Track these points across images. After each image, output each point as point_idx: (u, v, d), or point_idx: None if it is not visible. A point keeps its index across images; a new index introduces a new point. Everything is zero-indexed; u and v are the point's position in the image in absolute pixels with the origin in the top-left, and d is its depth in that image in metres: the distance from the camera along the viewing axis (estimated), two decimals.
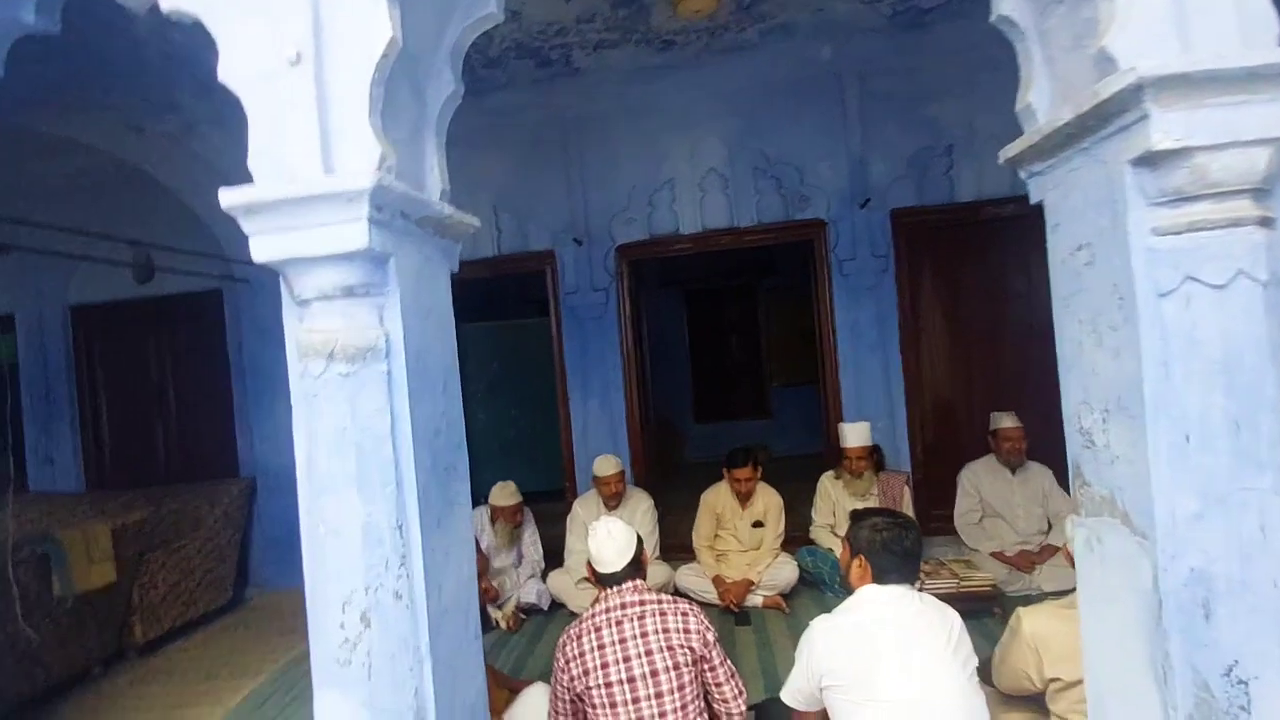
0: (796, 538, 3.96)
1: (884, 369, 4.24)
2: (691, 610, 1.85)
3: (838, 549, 3.73)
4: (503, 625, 3.65)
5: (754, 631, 3.33)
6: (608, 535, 1.96)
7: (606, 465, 3.84)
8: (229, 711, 2.98)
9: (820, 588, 3.71)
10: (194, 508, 4.10)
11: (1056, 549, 3.48)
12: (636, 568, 1.95)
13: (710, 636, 1.84)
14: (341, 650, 1.38)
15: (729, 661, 1.87)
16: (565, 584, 3.82)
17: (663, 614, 1.83)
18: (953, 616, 1.77)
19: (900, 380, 4.23)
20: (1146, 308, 1.18)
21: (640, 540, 2.00)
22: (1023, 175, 1.59)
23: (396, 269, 1.43)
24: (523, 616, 3.76)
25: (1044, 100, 1.51)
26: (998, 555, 3.47)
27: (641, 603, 1.86)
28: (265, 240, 1.36)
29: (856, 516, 1.97)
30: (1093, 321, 1.37)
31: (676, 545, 4.11)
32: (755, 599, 3.62)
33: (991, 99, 4.29)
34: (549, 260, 4.51)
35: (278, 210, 1.32)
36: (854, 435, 3.67)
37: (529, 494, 5.44)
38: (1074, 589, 3.64)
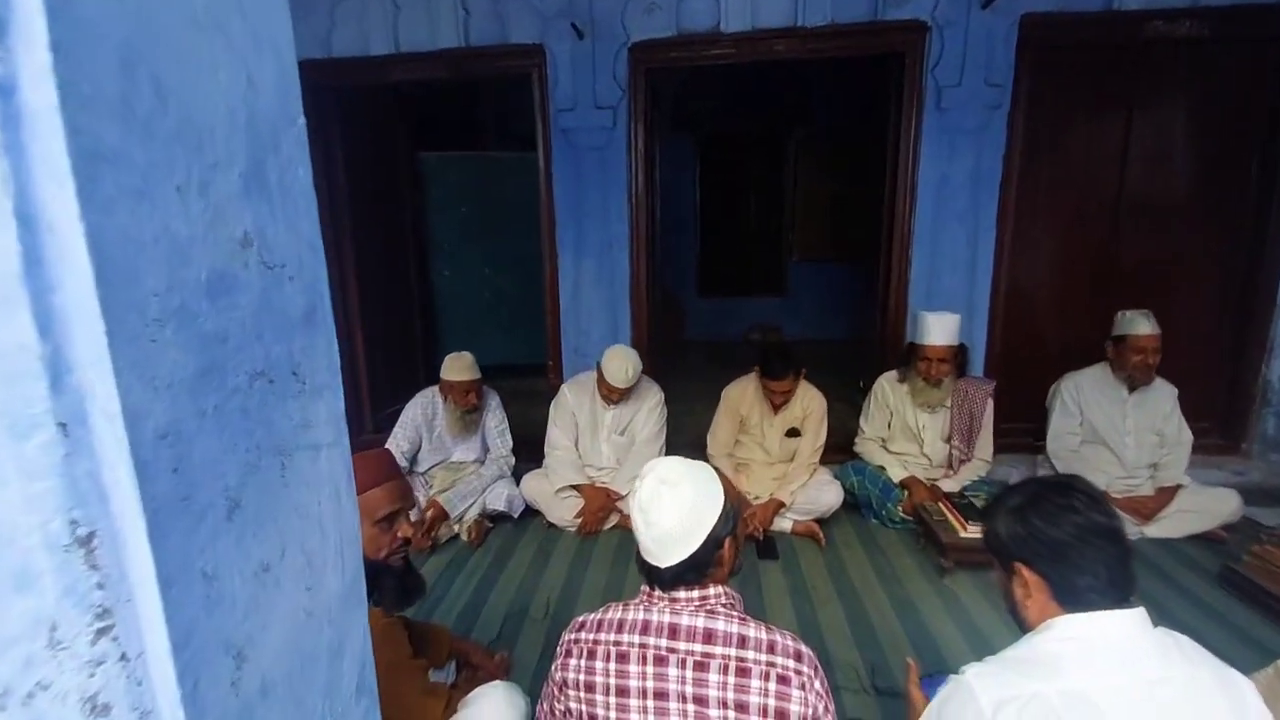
0: (832, 445, 3.18)
1: (970, 246, 3.25)
2: (800, 674, 0.98)
3: (891, 467, 2.99)
4: (463, 538, 2.90)
5: (782, 570, 2.60)
6: (654, 500, 1.06)
7: (619, 372, 2.82)
8: None
9: (864, 513, 2.98)
10: None
11: (1173, 493, 2.75)
12: (701, 571, 1.06)
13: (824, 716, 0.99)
14: None
15: None
16: (542, 490, 3.05)
17: (743, 672, 0.97)
18: (1241, 684, 0.96)
19: (990, 263, 3.26)
20: None
21: (722, 518, 1.07)
22: None
23: None
24: (489, 525, 3.02)
25: None
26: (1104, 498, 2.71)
27: (709, 637, 1.01)
28: None
29: (994, 502, 1.10)
30: None
31: (683, 445, 3.30)
32: (783, 522, 2.88)
33: None
34: (536, 58, 3.28)
35: None
36: (939, 330, 2.76)
37: (504, 368, 4.58)
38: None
